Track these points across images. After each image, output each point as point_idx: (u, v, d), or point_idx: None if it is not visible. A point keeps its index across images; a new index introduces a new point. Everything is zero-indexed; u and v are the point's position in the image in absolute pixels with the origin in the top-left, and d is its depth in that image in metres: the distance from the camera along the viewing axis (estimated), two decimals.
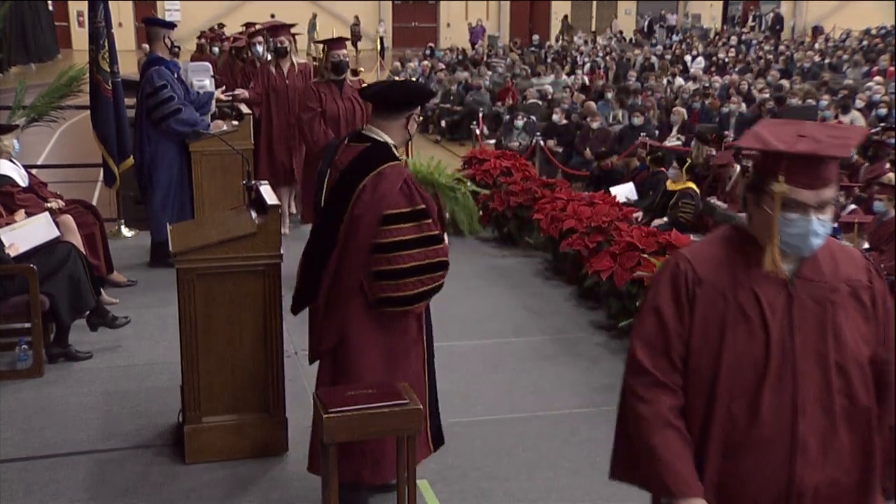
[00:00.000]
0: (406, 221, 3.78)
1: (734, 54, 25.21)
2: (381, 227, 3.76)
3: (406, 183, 3.81)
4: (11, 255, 5.59)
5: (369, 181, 3.78)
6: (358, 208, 3.78)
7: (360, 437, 3.70)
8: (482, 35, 34.33)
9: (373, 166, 3.81)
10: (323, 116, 7.54)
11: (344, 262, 3.83)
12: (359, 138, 3.96)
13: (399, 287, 3.80)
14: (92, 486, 4.37)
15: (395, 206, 3.77)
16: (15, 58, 24.69)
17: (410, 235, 3.79)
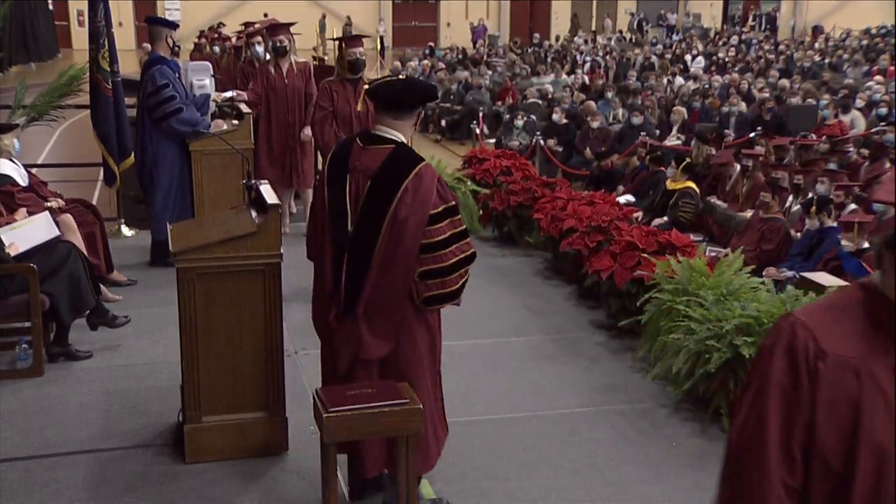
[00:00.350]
0: (444, 219, 3.80)
1: (734, 54, 25.22)
2: (427, 228, 3.76)
3: (439, 182, 3.83)
4: (11, 255, 5.59)
5: (410, 183, 3.75)
6: (401, 212, 3.73)
7: (360, 437, 3.70)
8: (483, 34, 34.36)
9: (409, 168, 3.78)
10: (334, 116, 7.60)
11: (391, 267, 3.77)
12: (375, 140, 3.88)
13: (445, 283, 3.84)
14: (92, 486, 4.37)
15: (435, 205, 3.78)
16: (15, 57, 24.69)
17: (450, 231, 3.82)
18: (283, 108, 8.65)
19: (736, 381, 4.98)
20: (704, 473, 4.60)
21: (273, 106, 8.69)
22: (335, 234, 3.88)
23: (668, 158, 10.34)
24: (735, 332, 5.01)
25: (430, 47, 28.86)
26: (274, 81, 8.67)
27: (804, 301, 5.19)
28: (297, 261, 7.13)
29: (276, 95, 8.66)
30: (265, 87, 8.65)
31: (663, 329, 5.50)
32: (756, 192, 8.95)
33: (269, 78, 8.68)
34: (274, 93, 8.66)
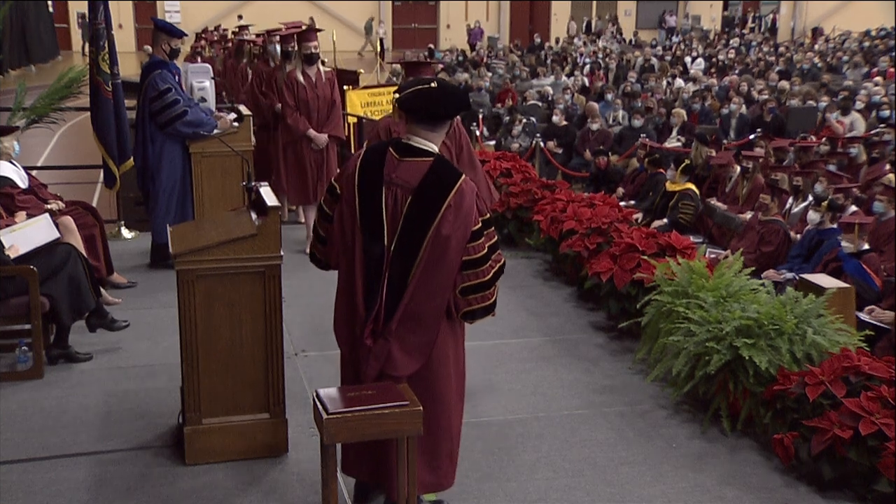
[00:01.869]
0: (482, 233, 3.78)
1: (734, 55, 25.23)
2: (468, 244, 3.73)
3: (477, 196, 3.80)
4: (11, 257, 5.59)
5: (453, 200, 3.69)
6: (444, 229, 3.67)
7: (360, 439, 3.70)
8: (481, 36, 34.36)
9: (451, 184, 3.71)
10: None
11: (431, 283, 3.73)
12: (411, 151, 3.78)
13: (486, 297, 3.81)
14: (92, 488, 4.37)
15: (476, 221, 3.75)
16: (15, 59, 24.70)
17: (487, 243, 3.80)
18: (315, 120, 8.20)
19: (736, 383, 4.98)
20: (704, 475, 4.60)
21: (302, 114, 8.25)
22: (370, 248, 3.77)
23: (668, 160, 10.35)
24: (735, 333, 5.01)
25: (429, 49, 28.87)
26: (303, 91, 8.19)
27: (804, 303, 5.20)
28: (296, 262, 7.15)
29: (306, 106, 8.18)
30: (295, 97, 8.16)
31: (663, 331, 5.50)
32: (756, 194, 8.96)
33: (297, 87, 8.19)
34: (303, 103, 8.18)
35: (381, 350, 3.79)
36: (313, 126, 8.12)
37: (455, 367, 3.96)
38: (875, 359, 4.69)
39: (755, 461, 4.75)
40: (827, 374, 4.58)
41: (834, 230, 7.47)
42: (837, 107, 13.87)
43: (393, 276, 3.74)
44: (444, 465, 4.02)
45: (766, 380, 4.86)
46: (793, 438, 4.55)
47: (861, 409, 4.33)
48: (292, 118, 8.14)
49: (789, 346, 4.93)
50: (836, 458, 4.35)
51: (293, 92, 8.19)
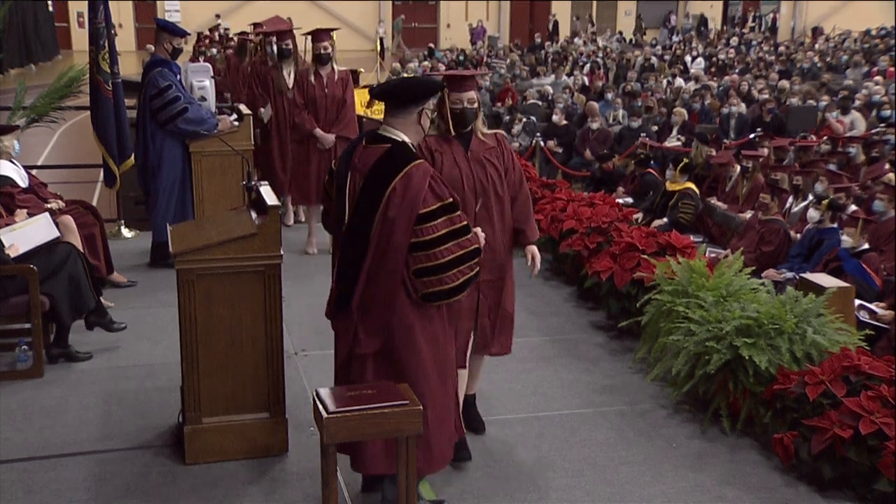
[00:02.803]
0: (438, 217, 3.83)
1: (734, 54, 25.23)
2: (416, 227, 3.80)
3: (433, 179, 3.85)
4: (11, 256, 5.59)
5: (398, 183, 3.80)
6: (391, 211, 3.80)
7: (360, 438, 3.70)
8: (482, 36, 34.36)
9: (399, 168, 3.83)
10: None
11: (382, 264, 3.85)
12: (376, 139, 3.96)
13: (443, 280, 3.86)
14: (92, 487, 4.37)
15: (426, 204, 3.81)
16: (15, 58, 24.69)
17: (444, 230, 3.83)
18: (323, 120, 8.16)
19: (736, 382, 4.98)
20: (704, 474, 4.60)
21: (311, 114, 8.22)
22: (337, 231, 4.00)
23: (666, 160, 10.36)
24: (735, 333, 5.01)
25: (429, 48, 28.85)
26: (313, 91, 8.17)
27: (804, 302, 5.20)
28: (297, 262, 7.16)
29: (314, 104, 8.16)
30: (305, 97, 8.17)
31: (663, 330, 5.50)
32: (756, 194, 8.96)
33: (309, 87, 8.18)
34: (313, 103, 8.16)
35: (348, 328, 3.95)
36: (321, 125, 8.08)
37: (428, 347, 3.97)
38: (875, 358, 4.69)
39: (755, 461, 4.75)
40: (827, 374, 4.58)
41: (834, 229, 7.47)
42: (837, 106, 13.87)
43: (347, 257, 3.91)
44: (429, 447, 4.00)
45: (766, 379, 4.86)
46: (793, 438, 4.55)
47: (861, 409, 4.33)
48: (300, 117, 8.13)
49: (789, 346, 4.93)
50: (836, 457, 4.35)
51: (303, 90, 8.18)
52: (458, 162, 4.55)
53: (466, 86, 4.54)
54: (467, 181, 4.53)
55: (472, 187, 4.54)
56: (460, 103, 4.51)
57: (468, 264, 3.91)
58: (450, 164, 4.54)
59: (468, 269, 3.91)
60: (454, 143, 4.58)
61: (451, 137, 4.54)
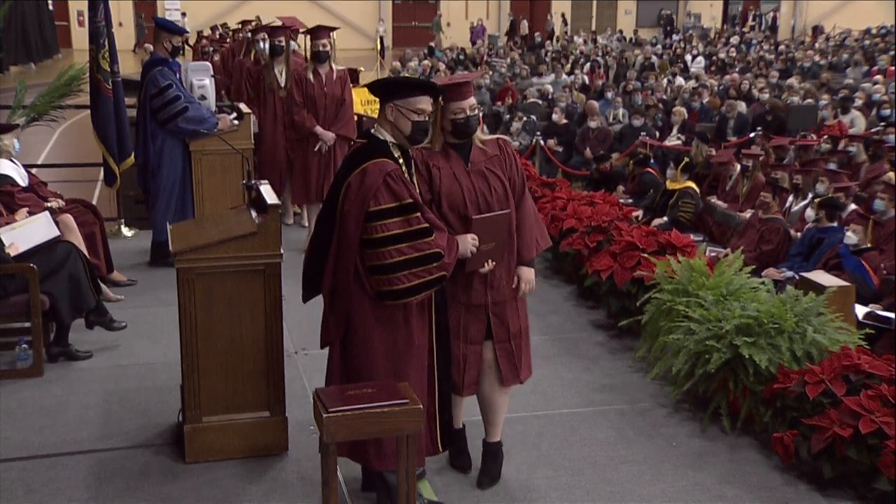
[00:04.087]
0: (392, 216, 3.81)
1: (734, 54, 25.22)
2: (367, 224, 3.81)
3: (390, 177, 3.82)
4: (11, 255, 5.59)
5: (353, 178, 3.85)
6: (346, 204, 3.84)
7: (360, 437, 3.70)
8: (482, 34, 34.36)
9: (359, 163, 3.87)
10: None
11: (339, 257, 3.90)
12: (363, 136, 4.03)
13: (392, 281, 3.83)
14: (92, 486, 4.37)
15: (379, 201, 3.80)
16: (15, 57, 24.69)
17: (397, 230, 3.81)
18: (322, 119, 8.09)
19: (736, 381, 4.98)
20: (704, 473, 4.60)
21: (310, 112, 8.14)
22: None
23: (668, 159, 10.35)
24: (735, 332, 5.01)
25: (430, 47, 28.85)
26: (312, 90, 8.10)
27: (804, 301, 5.20)
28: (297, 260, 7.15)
29: (313, 103, 8.08)
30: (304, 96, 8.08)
31: (663, 329, 5.50)
32: (756, 193, 8.95)
33: (307, 86, 8.11)
34: (312, 102, 8.08)
35: (324, 318, 4.02)
36: (320, 124, 8.04)
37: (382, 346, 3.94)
38: (875, 357, 4.69)
39: (755, 460, 4.75)
40: (827, 373, 4.58)
41: (834, 228, 7.46)
42: (837, 105, 13.86)
43: (317, 244, 3.99)
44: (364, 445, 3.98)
45: (766, 378, 4.86)
46: (793, 437, 4.55)
47: (861, 408, 4.33)
48: (299, 115, 8.07)
49: (789, 345, 4.93)
50: (835, 456, 4.35)
51: (301, 88, 8.11)
52: (458, 175, 4.18)
53: (467, 92, 4.15)
54: (468, 195, 4.16)
55: (475, 201, 4.16)
56: (463, 112, 4.11)
57: (424, 268, 3.83)
58: (449, 179, 4.18)
59: (424, 272, 3.84)
60: (452, 156, 4.21)
61: (448, 149, 4.20)
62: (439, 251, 3.87)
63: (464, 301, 4.23)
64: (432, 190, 4.17)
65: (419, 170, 4.12)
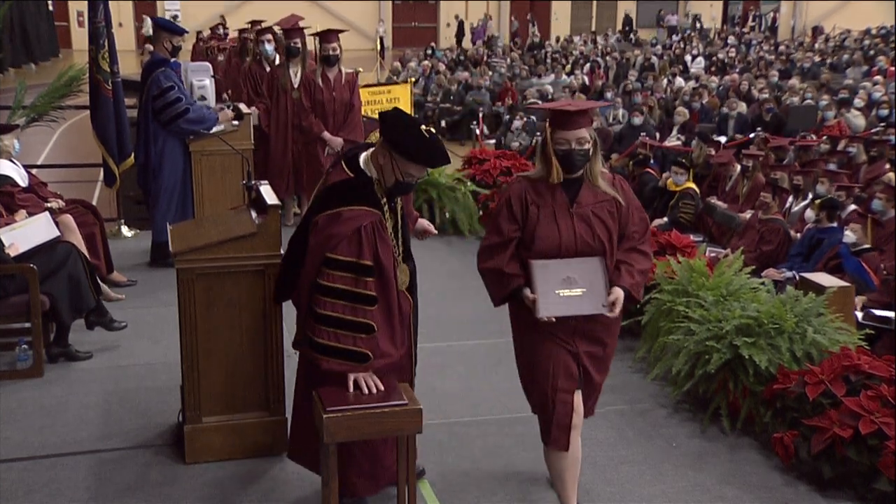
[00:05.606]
0: (345, 270, 3.66)
1: (734, 54, 25.23)
2: (322, 268, 3.69)
3: (361, 232, 3.65)
4: (11, 255, 5.59)
5: (323, 218, 3.71)
6: (311, 240, 3.76)
7: (360, 438, 3.70)
8: (483, 34, 34.37)
9: (335, 204, 3.70)
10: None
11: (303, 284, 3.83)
12: (351, 163, 3.80)
13: (314, 330, 3.71)
14: (92, 486, 4.37)
15: (338, 251, 3.66)
16: (15, 57, 24.69)
17: (342, 286, 3.65)
18: (331, 124, 8.02)
19: (736, 382, 4.98)
20: (704, 474, 4.60)
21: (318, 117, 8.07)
22: None
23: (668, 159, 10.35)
24: (735, 332, 5.01)
25: (431, 47, 28.86)
26: (320, 93, 8.04)
27: (804, 302, 5.20)
28: None
29: (321, 108, 8.00)
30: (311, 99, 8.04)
31: (663, 330, 5.50)
32: (756, 193, 8.96)
33: (315, 89, 8.07)
34: (321, 107, 8.02)
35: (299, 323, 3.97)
36: (329, 129, 7.95)
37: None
38: (875, 358, 4.69)
39: (755, 460, 4.75)
40: (827, 373, 4.58)
41: (834, 228, 7.47)
42: (837, 106, 13.86)
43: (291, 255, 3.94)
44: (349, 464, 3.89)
45: (766, 379, 4.86)
46: (793, 437, 4.55)
47: (861, 408, 4.33)
48: (307, 120, 7.98)
49: (789, 345, 4.93)
50: (835, 457, 4.35)
51: (309, 93, 8.00)
52: (558, 218, 3.70)
53: (575, 122, 3.65)
54: (566, 242, 3.70)
55: (572, 251, 3.70)
56: (566, 143, 3.65)
57: (348, 333, 3.65)
58: (547, 220, 3.70)
59: (346, 338, 3.65)
60: (557, 193, 3.72)
61: (554, 185, 3.71)
62: (372, 325, 3.66)
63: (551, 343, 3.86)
64: (524, 229, 3.75)
65: (511, 204, 3.74)
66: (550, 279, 3.68)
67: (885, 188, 7.82)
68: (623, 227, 3.82)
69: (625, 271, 3.79)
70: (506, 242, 3.80)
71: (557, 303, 3.68)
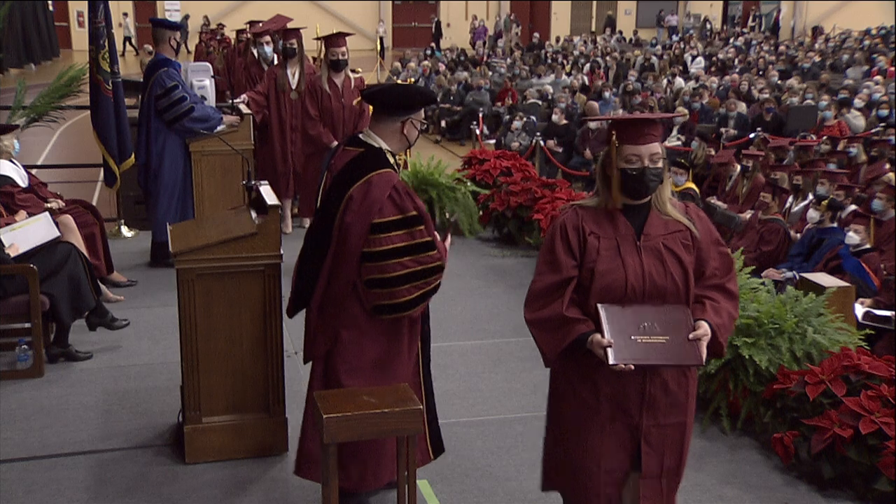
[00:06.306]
0: (396, 229, 3.75)
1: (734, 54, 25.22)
2: (370, 236, 3.74)
3: (395, 190, 3.76)
4: (11, 255, 5.59)
5: (356, 190, 3.76)
6: (348, 216, 3.76)
7: (360, 438, 3.70)
8: (484, 35, 34.38)
9: (362, 174, 3.77)
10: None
11: (337, 269, 3.82)
12: (354, 143, 3.92)
13: (393, 294, 3.78)
14: (92, 486, 4.37)
15: (383, 214, 3.74)
16: (15, 58, 24.70)
17: (401, 243, 3.76)
18: (340, 133, 7.80)
19: (736, 382, 4.98)
20: (704, 474, 4.60)
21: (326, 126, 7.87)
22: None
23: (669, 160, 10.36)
24: (735, 332, 5.00)
25: (430, 48, 28.85)
26: (328, 100, 7.79)
27: (804, 302, 5.20)
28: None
29: (330, 115, 7.73)
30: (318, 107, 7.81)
31: None
32: (756, 193, 8.95)
33: (323, 96, 7.83)
34: (329, 114, 7.76)
35: (308, 328, 3.96)
36: (339, 138, 7.80)
37: (373, 363, 3.88)
38: (875, 358, 4.69)
39: (755, 460, 4.75)
40: (827, 373, 4.58)
41: (835, 229, 7.47)
42: (837, 106, 13.86)
43: (307, 258, 3.91)
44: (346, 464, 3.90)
45: (766, 379, 4.86)
46: (793, 437, 4.55)
47: (861, 408, 4.33)
48: (314, 129, 7.74)
49: (789, 345, 4.93)
50: (836, 457, 4.35)
51: (316, 100, 7.76)
52: (623, 251, 3.12)
53: (649, 135, 3.09)
54: (633, 280, 3.10)
55: (640, 290, 3.10)
56: (638, 160, 3.08)
57: (424, 280, 3.80)
58: (609, 253, 3.12)
59: (424, 284, 3.81)
60: (620, 221, 3.14)
61: (615, 211, 3.14)
62: (441, 263, 3.85)
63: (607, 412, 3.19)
64: (582, 265, 3.16)
65: (567, 235, 3.18)
66: (624, 324, 3.06)
67: (886, 188, 7.81)
68: (700, 264, 3.19)
69: (709, 306, 3.15)
70: (563, 282, 3.17)
71: (635, 348, 3.02)
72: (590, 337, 3.06)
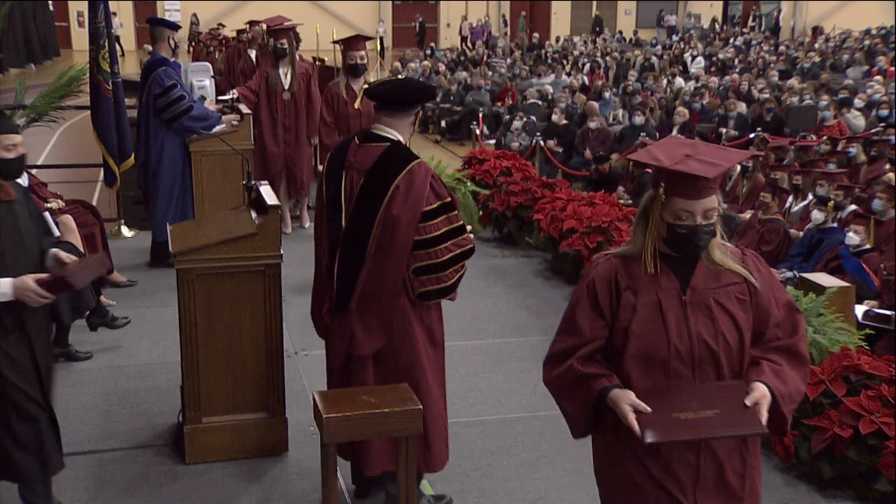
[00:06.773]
0: (438, 216, 3.85)
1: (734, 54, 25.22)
2: (420, 224, 3.81)
3: (434, 178, 3.88)
4: None
5: (402, 181, 3.80)
6: (394, 209, 3.78)
7: (360, 438, 3.70)
8: (483, 35, 34.38)
9: (401, 165, 3.83)
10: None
11: (384, 263, 3.83)
12: (372, 138, 3.93)
13: (440, 279, 3.88)
14: (92, 486, 4.37)
15: (430, 202, 3.83)
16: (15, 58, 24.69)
17: (444, 228, 3.86)
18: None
19: None
20: None
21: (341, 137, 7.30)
22: (330, 229, 3.95)
23: None
24: None
25: (430, 48, 28.86)
26: (344, 106, 7.33)
27: (804, 302, 5.19)
28: (297, 260, 7.15)
29: (346, 122, 7.29)
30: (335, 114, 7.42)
31: None
32: (756, 193, 8.95)
33: (339, 102, 7.41)
34: (343, 119, 7.35)
35: (344, 329, 3.92)
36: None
37: (426, 348, 4.01)
38: (875, 358, 4.69)
39: None
40: (827, 373, 4.58)
41: (835, 229, 7.47)
42: (837, 105, 13.86)
43: (347, 256, 3.88)
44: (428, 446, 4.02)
45: None
46: (793, 437, 4.54)
47: (861, 408, 4.33)
48: (330, 138, 7.40)
49: None
50: (835, 457, 4.35)
51: (332, 107, 7.45)
52: (665, 308, 2.64)
53: (707, 189, 2.57)
54: (679, 341, 2.62)
55: (687, 352, 2.62)
56: (690, 218, 2.58)
57: (463, 262, 3.95)
58: (648, 311, 2.64)
59: (461, 266, 3.96)
60: (664, 274, 2.66)
61: (658, 263, 2.66)
62: (473, 246, 3.99)
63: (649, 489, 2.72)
64: (615, 324, 2.69)
65: (596, 292, 2.71)
66: (665, 403, 2.59)
67: (886, 188, 7.81)
68: (761, 323, 2.68)
69: (767, 368, 2.64)
70: (585, 345, 2.71)
71: (673, 424, 2.55)
72: (611, 392, 2.60)
